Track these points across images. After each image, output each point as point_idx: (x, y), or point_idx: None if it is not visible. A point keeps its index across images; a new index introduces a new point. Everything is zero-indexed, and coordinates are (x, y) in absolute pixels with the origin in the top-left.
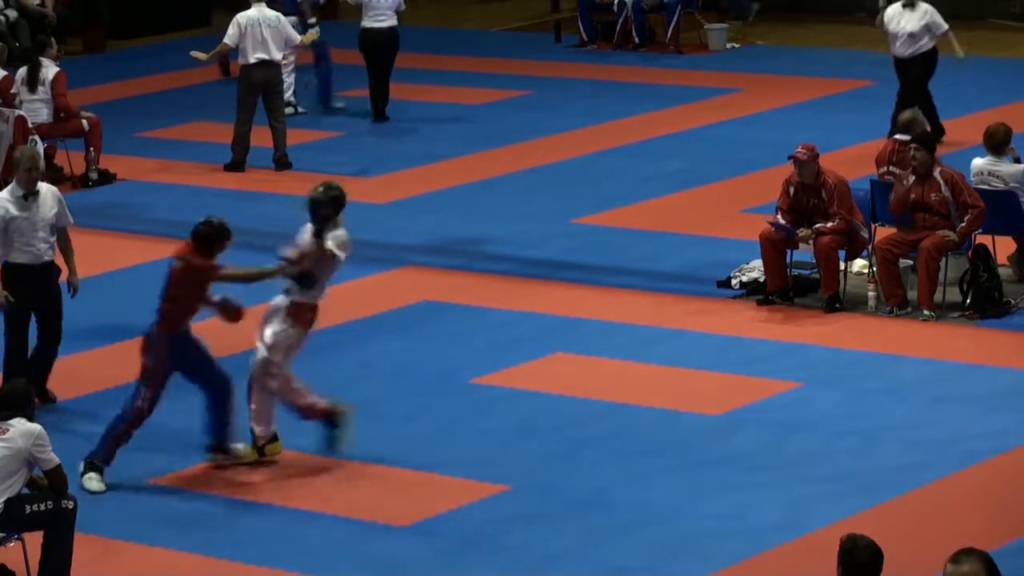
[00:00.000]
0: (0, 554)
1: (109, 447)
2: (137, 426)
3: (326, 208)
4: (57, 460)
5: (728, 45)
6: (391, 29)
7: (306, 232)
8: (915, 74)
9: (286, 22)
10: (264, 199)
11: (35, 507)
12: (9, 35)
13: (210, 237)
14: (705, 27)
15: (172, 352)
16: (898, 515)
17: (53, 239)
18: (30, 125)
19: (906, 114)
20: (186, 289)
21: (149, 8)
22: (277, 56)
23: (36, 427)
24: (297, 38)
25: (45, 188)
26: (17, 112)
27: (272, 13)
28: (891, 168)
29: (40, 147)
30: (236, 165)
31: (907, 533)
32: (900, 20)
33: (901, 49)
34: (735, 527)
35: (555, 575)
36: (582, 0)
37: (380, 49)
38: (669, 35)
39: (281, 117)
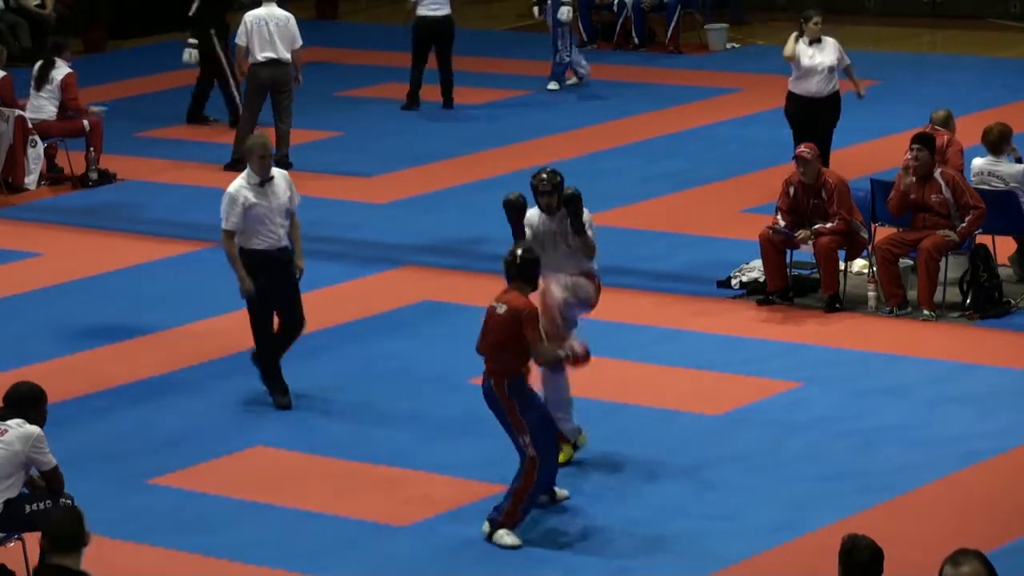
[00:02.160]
0: (0, 554)
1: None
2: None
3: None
4: (55, 462)
5: (728, 45)
6: (447, 17)
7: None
8: (830, 121)
9: (294, 21)
10: None
11: (34, 506)
12: (9, 35)
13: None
14: (705, 27)
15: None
16: (898, 515)
17: (287, 223)
18: (30, 125)
19: (941, 112)
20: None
21: (149, 8)
22: (285, 55)
23: (35, 430)
24: (300, 40)
25: (278, 173)
26: (17, 112)
27: (281, 12)
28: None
29: (40, 147)
30: (237, 164)
31: (907, 533)
32: (814, 56)
33: (820, 86)
34: (735, 527)
35: (555, 575)
36: (582, 0)
37: (436, 38)
38: (669, 35)
39: (287, 118)
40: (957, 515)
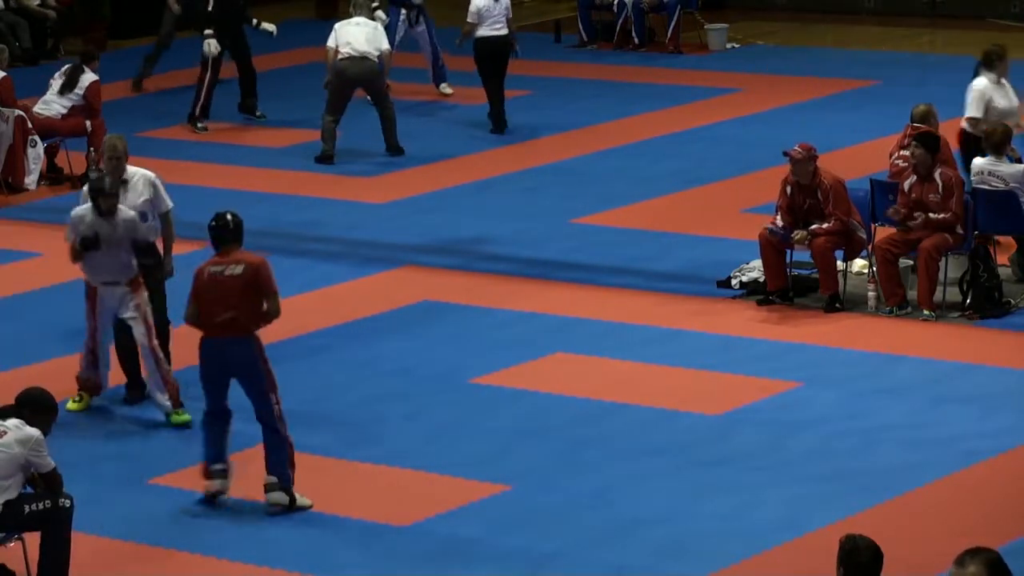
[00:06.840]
0: (0, 554)
1: None
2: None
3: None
4: (53, 464)
5: (728, 45)
6: (506, 37)
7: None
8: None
9: (383, 30)
10: (264, 199)
11: (33, 507)
12: (9, 35)
13: None
14: (705, 27)
15: None
16: (898, 515)
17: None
18: (30, 124)
19: (921, 107)
20: None
21: (149, 8)
22: (371, 52)
23: (34, 432)
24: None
25: (137, 176)
26: (17, 112)
27: (371, 22)
28: (902, 152)
29: (40, 147)
30: (326, 159)
31: (907, 533)
32: (1001, 99)
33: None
34: (735, 527)
35: (555, 575)
36: (582, 0)
37: (496, 57)
38: (669, 35)
39: (389, 104)
40: (957, 515)
